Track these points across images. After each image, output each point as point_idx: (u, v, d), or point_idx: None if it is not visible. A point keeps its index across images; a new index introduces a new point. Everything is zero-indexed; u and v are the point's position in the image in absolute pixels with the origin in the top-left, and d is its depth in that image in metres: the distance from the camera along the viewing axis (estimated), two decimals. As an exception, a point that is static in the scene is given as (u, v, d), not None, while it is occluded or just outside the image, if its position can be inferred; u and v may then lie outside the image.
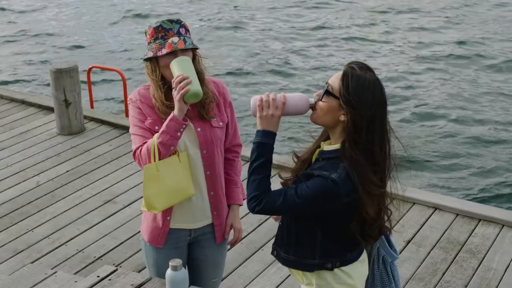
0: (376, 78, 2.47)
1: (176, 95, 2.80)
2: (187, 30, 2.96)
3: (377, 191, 2.47)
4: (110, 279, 3.16)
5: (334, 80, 2.49)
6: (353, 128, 2.43)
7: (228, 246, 3.37)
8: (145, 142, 2.94)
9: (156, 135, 2.88)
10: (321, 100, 2.52)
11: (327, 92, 2.49)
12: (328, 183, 2.41)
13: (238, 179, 3.30)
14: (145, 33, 2.98)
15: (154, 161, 2.89)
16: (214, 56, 13.17)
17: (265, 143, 2.55)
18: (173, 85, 2.81)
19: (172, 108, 2.88)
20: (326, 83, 2.52)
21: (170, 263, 2.66)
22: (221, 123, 3.10)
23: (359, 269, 2.69)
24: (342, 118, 2.46)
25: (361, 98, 2.42)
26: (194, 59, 2.98)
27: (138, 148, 2.96)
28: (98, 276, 3.19)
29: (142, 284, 3.09)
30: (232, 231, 3.30)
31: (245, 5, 18.31)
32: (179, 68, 2.82)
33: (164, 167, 2.93)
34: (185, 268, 3.28)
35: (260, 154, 2.54)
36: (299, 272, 2.71)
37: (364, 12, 17.40)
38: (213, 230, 3.19)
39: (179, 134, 2.86)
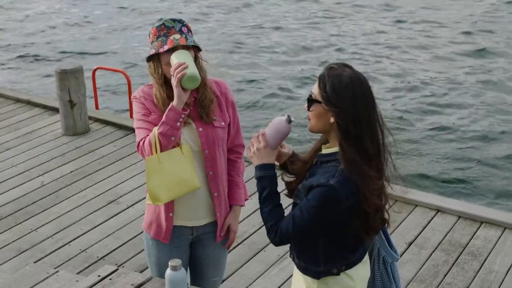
0: (354, 73, 2.47)
1: (173, 81, 2.85)
2: (189, 30, 3.00)
3: (377, 185, 2.48)
4: (111, 279, 3.18)
5: (315, 86, 2.54)
6: (340, 126, 2.45)
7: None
8: (149, 135, 2.97)
9: (156, 127, 2.91)
10: (309, 110, 2.55)
11: (310, 100, 2.53)
12: (327, 189, 2.43)
13: (240, 180, 3.32)
14: (149, 34, 3.02)
15: (156, 153, 2.92)
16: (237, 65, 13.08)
17: (263, 176, 2.62)
18: (171, 73, 2.86)
19: None
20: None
21: (169, 263, 2.68)
22: (223, 123, 3.12)
23: (362, 270, 2.70)
24: (332, 120, 2.48)
25: (340, 95, 2.44)
26: (196, 60, 3.01)
27: (141, 140, 3.00)
28: (99, 276, 3.21)
29: (142, 284, 3.11)
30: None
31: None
32: (177, 58, 2.87)
33: (166, 158, 2.96)
34: (187, 266, 3.32)
35: (263, 187, 2.61)
36: (300, 278, 2.74)
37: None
38: (215, 230, 3.22)
39: (178, 124, 2.88)
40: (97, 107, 8.24)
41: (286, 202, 2.66)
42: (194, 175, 3.03)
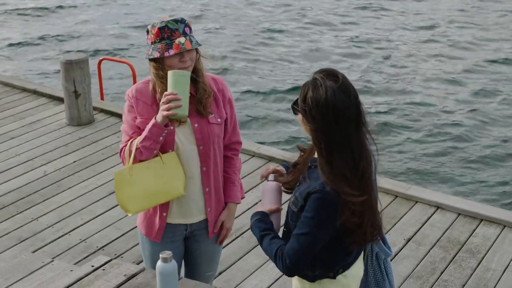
0: (336, 87, 2.35)
1: (162, 110, 2.84)
2: (190, 29, 3.00)
3: (353, 198, 2.39)
4: (104, 269, 3.20)
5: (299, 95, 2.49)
6: (312, 139, 2.43)
7: (225, 241, 3.42)
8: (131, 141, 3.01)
9: (138, 138, 2.93)
10: (295, 114, 2.52)
11: (294, 108, 2.51)
12: (322, 196, 2.41)
13: (236, 177, 3.32)
14: (147, 31, 3.00)
15: (129, 163, 2.95)
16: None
17: (258, 219, 2.64)
18: (163, 99, 2.84)
19: None
20: None
21: (160, 255, 2.70)
22: (219, 120, 3.12)
23: (356, 269, 2.69)
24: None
25: (313, 109, 2.36)
26: (195, 56, 3.02)
27: (123, 147, 3.04)
28: (92, 266, 3.24)
29: (135, 275, 3.13)
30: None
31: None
32: (175, 84, 2.84)
33: (140, 170, 2.99)
34: (181, 261, 3.34)
35: (257, 227, 2.62)
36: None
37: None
38: (207, 226, 3.24)
39: (161, 138, 2.92)
40: (102, 98, 8.27)
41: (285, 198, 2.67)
42: (177, 182, 3.04)
